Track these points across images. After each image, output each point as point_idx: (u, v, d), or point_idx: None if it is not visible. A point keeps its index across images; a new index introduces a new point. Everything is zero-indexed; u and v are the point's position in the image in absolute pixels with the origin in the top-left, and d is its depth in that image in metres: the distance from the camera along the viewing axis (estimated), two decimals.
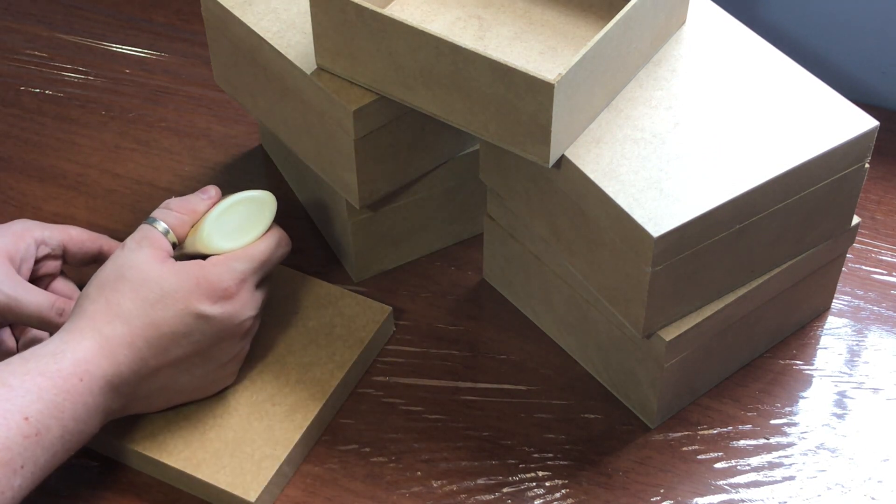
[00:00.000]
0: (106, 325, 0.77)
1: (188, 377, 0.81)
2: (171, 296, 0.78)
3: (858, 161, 0.82)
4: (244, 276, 0.81)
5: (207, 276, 0.79)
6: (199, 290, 0.78)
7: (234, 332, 0.81)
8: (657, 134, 0.80)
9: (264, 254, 0.82)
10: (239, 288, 0.80)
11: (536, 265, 0.89)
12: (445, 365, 0.91)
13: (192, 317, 0.78)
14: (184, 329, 0.78)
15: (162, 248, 0.81)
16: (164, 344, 0.78)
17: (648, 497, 0.83)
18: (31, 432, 0.71)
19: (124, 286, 0.78)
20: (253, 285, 0.82)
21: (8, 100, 1.13)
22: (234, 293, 0.80)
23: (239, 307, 0.80)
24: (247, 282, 0.81)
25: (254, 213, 0.84)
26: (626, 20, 0.78)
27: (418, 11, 0.87)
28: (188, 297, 0.78)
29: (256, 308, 0.82)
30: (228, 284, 0.79)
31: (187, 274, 0.79)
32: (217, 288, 0.79)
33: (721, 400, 0.88)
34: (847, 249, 0.90)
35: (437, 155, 0.91)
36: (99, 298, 0.78)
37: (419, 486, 0.83)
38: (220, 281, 0.79)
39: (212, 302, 0.79)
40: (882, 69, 1.10)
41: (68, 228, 0.90)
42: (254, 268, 0.82)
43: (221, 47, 0.93)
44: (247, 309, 0.81)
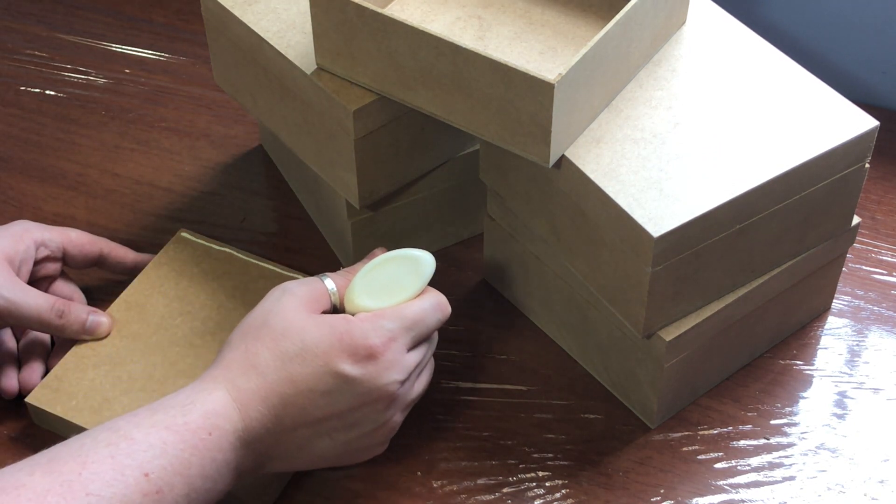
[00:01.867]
0: (240, 377, 0.72)
1: (329, 442, 0.75)
2: (312, 350, 0.72)
3: (858, 161, 0.82)
4: (393, 335, 0.74)
5: (352, 332, 0.73)
6: (342, 346, 0.72)
7: (377, 396, 0.74)
8: (657, 134, 0.80)
9: (417, 314, 0.76)
10: (385, 348, 0.73)
11: (536, 265, 0.89)
12: (445, 365, 0.91)
13: (331, 375, 0.72)
14: (322, 388, 0.72)
15: (317, 301, 0.76)
16: (300, 402, 0.72)
17: (648, 497, 0.83)
18: (152, 489, 0.67)
19: (266, 335, 0.73)
20: (403, 347, 0.75)
21: (8, 100, 1.13)
22: (380, 353, 0.73)
23: (383, 369, 0.73)
24: (395, 341, 0.74)
25: (407, 272, 0.77)
26: (626, 20, 0.78)
27: (418, 11, 0.87)
28: (329, 354, 0.72)
29: (405, 372, 0.75)
30: (374, 342, 0.73)
31: (331, 328, 0.73)
32: (361, 346, 0.73)
33: (721, 400, 0.88)
34: (847, 249, 0.90)
35: (437, 155, 0.91)
36: (239, 346, 0.74)
37: (419, 486, 0.83)
38: (364, 338, 0.73)
39: (354, 361, 0.72)
40: (882, 69, 1.10)
41: (68, 231, 0.90)
42: (404, 327, 0.75)
43: (221, 47, 0.93)
44: (393, 372, 0.74)
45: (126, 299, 0.91)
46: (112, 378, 0.86)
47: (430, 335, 0.78)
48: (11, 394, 0.86)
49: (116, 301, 0.91)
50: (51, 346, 0.90)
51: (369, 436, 0.76)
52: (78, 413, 0.84)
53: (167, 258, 0.94)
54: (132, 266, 0.93)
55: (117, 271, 0.93)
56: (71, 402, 0.85)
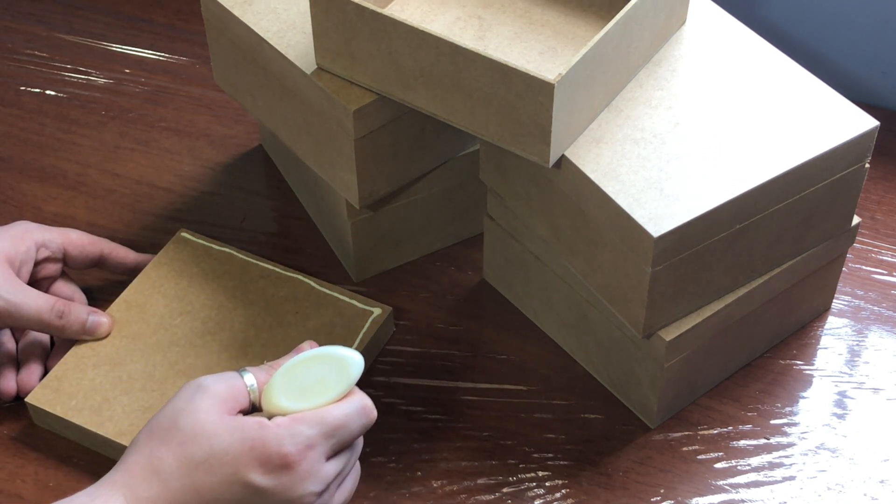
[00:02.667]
0: (141, 483, 0.67)
1: None
2: (220, 458, 0.67)
3: (858, 161, 0.82)
4: (310, 443, 0.68)
5: (265, 439, 0.67)
6: (253, 454, 0.67)
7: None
8: (657, 134, 0.80)
9: (339, 419, 0.70)
10: (301, 457, 0.68)
11: (536, 265, 0.89)
12: (445, 365, 0.91)
13: (240, 485, 0.67)
14: (229, 498, 0.67)
15: (234, 399, 0.70)
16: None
17: (648, 497, 0.83)
18: None
19: (173, 438, 0.68)
20: (322, 455, 0.69)
21: (8, 100, 1.13)
22: (296, 463, 0.68)
23: (299, 480, 0.68)
24: (313, 449, 0.69)
25: (332, 372, 0.71)
26: (626, 20, 0.78)
27: (418, 11, 0.87)
28: (238, 462, 0.67)
29: (323, 483, 0.69)
30: (289, 451, 0.67)
31: (243, 433, 0.68)
32: (274, 454, 0.67)
33: (721, 400, 0.88)
34: (847, 249, 0.90)
35: (437, 155, 0.91)
36: (143, 449, 0.69)
37: (419, 486, 0.83)
38: (279, 446, 0.67)
39: (266, 471, 0.67)
40: (882, 69, 1.10)
41: (69, 232, 0.90)
42: (324, 433, 0.69)
43: (221, 47, 0.93)
44: (309, 483, 0.68)
45: (126, 299, 0.91)
46: (112, 378, 0.86)
47: (352, 442, 0.72)
48: (10, 396, 0.86)
49: (116, 301, 0.91)
50: (50, 347, 0.90)
51: None
52: (78, 413, 0.84)
53: (167, 258, 0.94)
54: (133, 266, 0.93)
55: (118, 272, 0.93)
56: (71, 402, 0.85)
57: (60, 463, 0.84)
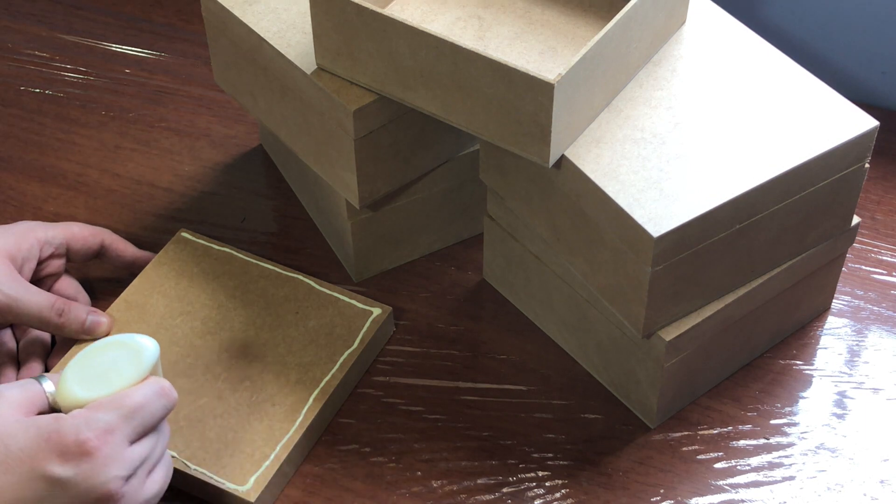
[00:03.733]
0: None
1: None
2: (16, 456, 0.65)
3: (858, 161, 0.82)
4: (109, 427, 0.66)
5: (61, 430, 0.65)
6: (49, 446, 0.65)
7: (98, 497, 0.66)
8: (657, 134, 0.80)
9: (137, 402, 0.68)
10: (102, 441, 0.65)
11: (536, 265, 0.89)
12: (445, 365, 0.91)
13: (39, 480, 0.64)
14: (31, 496, 0.64)
15: (31, 403, 0.68)
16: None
17: (648, 497, 0.83)
18: None
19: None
20: (124, 439, 0.67)
21: (8, 100, 1.13)
22: (96, 448, 0.65)
23: (101, 466, 0.65)
24: (113, 434, 0.66)
25: (125, 359, 0.70)
26: (626, 20, 0.78)
27: (418, 11, 0.87)
28: (35, 457, 0.64)
29: (129, 467, 0.67)
30: (86, 437, 0.65)
31: (38, 428, 0.65)
32: (72, 443, 0.65)
33: (721, 400, 0.88)
34: (847, 249, 0.90)
35: (437, 155, 0.91)
36: None
37: (419, 486, 0.83)
38: (76, 434, 0.65)
39: (64, 461, 0.65)
40: (882, 69, 1.10)
41: (70, 226, 0.90)
42: (123, 416, 0.67)
43: (221, 47, 0.93)
44: (112, 467, 0.66)
45: (126, 299, 0.91)
46: None
47: (155, 425, 0.69)
48: None
49: (116, 301, 0.91)
50: (51, 347, 0.90)
51: None
52: None
53: (167, 258, 0.94)
54: (131, 260, 0.93)
55: (117, 264, 0.94)
56: None
57: None
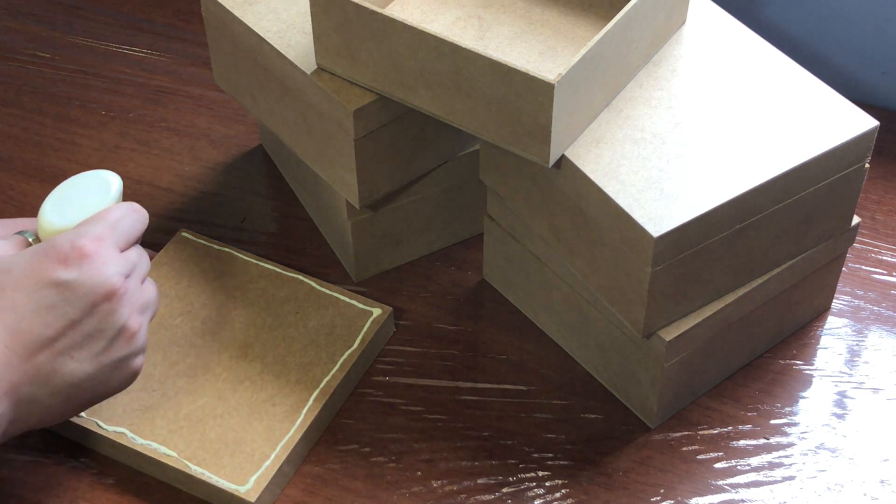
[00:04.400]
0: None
1: (76, 364, 0.71)
2: (20, 273, 0.70)
3: (858, 161, 0.82)
4: (99, 235, 0.72)
5: (55, 243, 0.71)
6: (49, 258, 0.71)
7: (103, 294, 0.71)
8: (657, 134, 0.80)
9: (116, 215, 0.74)
10: (96, 245, 0.72)
11: (536, 265, 0.89)
12: (445, 365, 0.91)
13: (48, 288, 0.70)
14: (45, 303, 0.70)
15: (19, 245, 0.76)
16: (27, 326, 0.70)
17: (648, 497, 0.83)
18: None
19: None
20: (114, 245, 0.73)
21: (8, 100, 1.13)
22: (92, 251, 0.71)
23: (101, 265, 0.71)
24: (104, 240, 0.72)
25: (94, 190, 0.78)
26: (626, 20, 0.78)
27: (418, 11, 0.87)
28: (39, 270, 0.70)
29: (125, 267, 0.73)
30: (81, 243, 0.71)
31: (32, 251, 0.72)
32: (68, 251, 0.71)
33: (721, 400, 0.88)
34: (847, 249, 0.90)
35: (437, 155, 0.91)
36: None
37: (419, 486, 0.83)
38: (70, 244, 0.71)
39: (65, 266, 0.70)
40: (882, 69, 1.10)
41: None
42: (107, 226, 0.73)
43: (221, 47, 0.93)
44: (110, 266, 0.72)
45: None
46: None
47: (136, 239, 0.76)
48: None
49: None
50: None
51: (113, 346, 0.73)
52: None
53: (167, 258, 0.94)
54: None
55: None
56: None
57: (59, 461, 0.84)
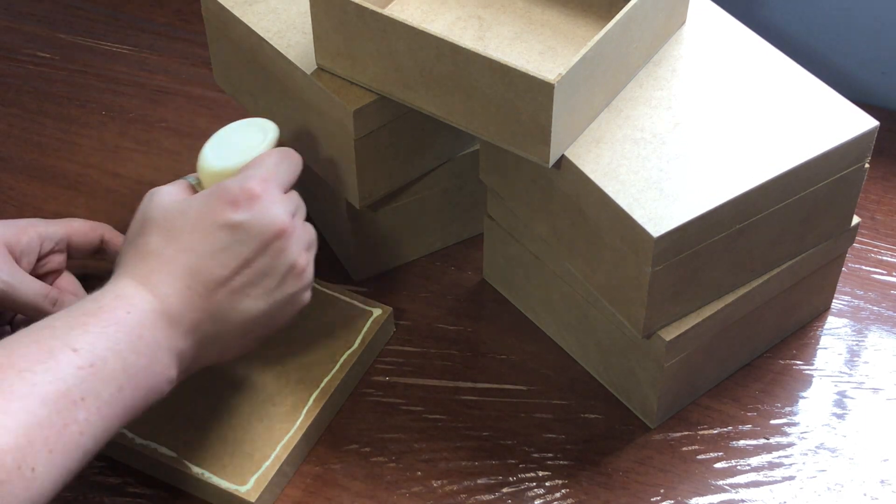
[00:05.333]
0: (139, 265, 0.73)
1: (251, 302, 0.75)
2: (195, 216, 0.74)
3: (858, 161, 0.82)
4: (265, 177, 0.75)
5: (225, 186, 0.75)
6: (221, 201, 0.74)
7: (274, 233, 0.75)
8: (657, 134, 0.80)
9: (275, 157, 0.78)
10: (263, 187, 0.75)
11: (536, 265, 0.89)
12: (445, 365, 0.91)
13: (222, 230, 0.73)
14: (219, 244, 0.73)
15: (185, 189, 0.78)
16: (205, 266, 0.73)
17: (648, 497, 0.83)
18: (85, 363, 0.67)
19: (149, 227, 0.75)
20: (278, 186, 0.76)
21: (8, 100, 1.13)
22: (260, 193, 0.74)
23: (269, 204, 0.75)
24: (269, 182, 0.75)
25: (252, 134, 0.80)
26: (626, 20, 0.78)
27: (418, 11, 0.87)
28: (212, 212, 0.74)
29: (291, 206, 0.77)
30: (250, 185, 0.74)
31: (204, 195, 0.75)
32: (239, 193, 0.74)
33: (721, 400, 0.88)
34: (847, 249, 0.90)
35: (437, 155, 0.91)
36: (128, 249, 0.75)
37: (419, 486, 0.83)
38: (239, 187, 0.74)
39: (236, 207, 0.74)
40: (882, 69, 1.10)
41: (71, 221, 0.91)
42: (270, 169, 0.76)
43: (221, 47, 0.93)
44: (278, 206, 0.75)
45: None
46: None
47: (294, 180, 0.79)
48: None
49: None
50: None
51: (285, 282, 0.76)
52: None
53: None
54: None
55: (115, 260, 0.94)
56: None
57: None
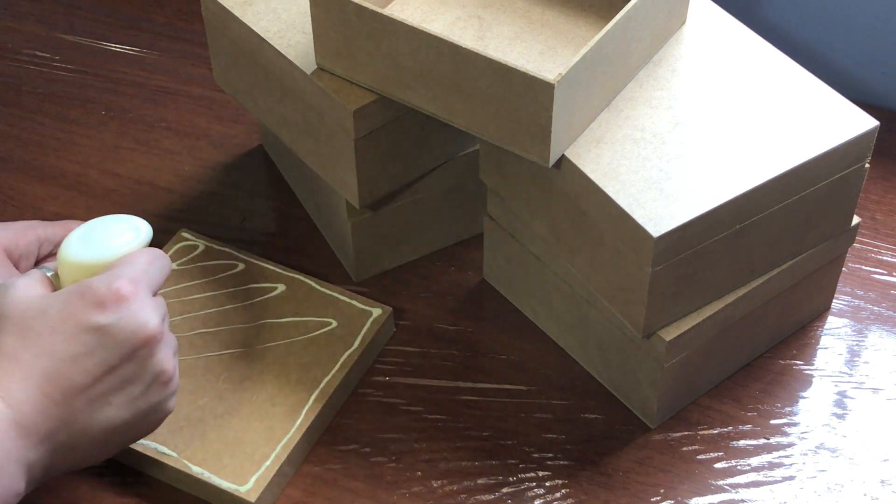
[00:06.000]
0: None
1: (112, 411, 0.70)
2: (56, 317, 0.68)
3: (858, 161, 0.82)
4: (134, 277, 0.70)
5: (92, 285, 0.69)
6: (86, 302, 0.68)
7: (142, 339, 0.69)
8: (657, 134, 0.80)
9: (145, 259, 0.72)
10: (132, 288, 0.69)
11: (536, 265, 0.89)
12: (445, 365, 0.91)
13: (86, 332, 0.68)
14: (82, 349, 0.68)
15: (42, 283, 0.72)
16: (64, 372, 0.68)
17: (648, 497, 0.83)
18: None
19: (5, 325, 0.69)
20: (147, 288, 0.71)
21: (8, 100, 1.13)
22: (129, 294, 0.69)
23: (138, 309, 0.69)
24: (139, 283, 0.70)
25: (124, 231, 0.75)
26: (626, 20, 0.78)
27: (418, 11, 0.87)
28: (75, 313, 0.68)
29: (161, 312, 0.71)
30: (118, 285, 0.69)
31: (67, 292, 0.69)
32: (106, 293, 0.69)
33: (721, 400, 0.88)
34: (847, 249, 0.90)
35: (437, 155, 0.91)
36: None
37: (419, 486, 0.83)
38: (107, 286, 0.69)
39: (103, 309, 0.68)
40: (882, 69, 1.10)
41: (70, 223, 0.91)
42: (140, 270, 0.71)
43: (221, 47, 0.93)
44: (148, 309, 0.70)
45: None
46: None
47: (161, 285, 0.74)
48: None
49: None
50: None
51: (150, 390, 0.71)
52: None
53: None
54: None
55: None
56: None
57: None
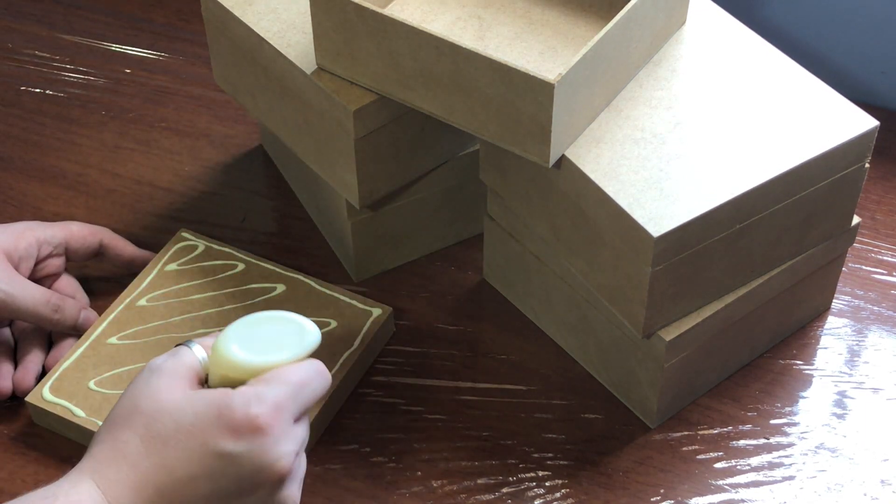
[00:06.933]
0: (109, 468, 0.64)
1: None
2: (187, 430, 0.63)
3: (858, 161, 0.82)
4: (279, 404, 0.64)
5: (231, 405, 0.63)
6: (221, 422, 0.63)
7: (270, 475, 0.64)
8: (657, 134, 0.80)
9: (302, 378, 0.66)
10: (272, 419, 0.64)
11: (536, 265, 0.89)
12: (445, 365, 0.91)
13: (211, 457, 0.63)
14: (202, 472, 0.63)
15: (190, 370, 0.67)
16: (178, 490, 0.63)
17: (648, 497, 0.83)
18: None
19: (136, 420, 0.65)
20: (290, 416, 0.65)
21: (8, 100, 1.13)
22: (266, 425, 0.64)
23: (272, 443, 0.64)
24: (282, 411, 0.64)
25: (289, 335, 0.68)
26: (626, 20, 0.78)
27: (418, 11, 0.87)
28: (207, 432, 0.63)
29: (297, 445, 0.66)
30: (257, 412, 0.63)
31: (207, 404, 0.64)
32: (243, 418, 0.63)
33: (721, 400, 0.88)
34: (847, 249, 0.90)
35: (437, 155, 0.91)
36: (106, 438, 0.65)
37: (419, 486, 0.83)
38: (246, 409, 0.63)
39: (236, 437, 0.63)
40: (882, 69, 1.10)
41: (69, 225, 0.91)
42: (290, 393, 0.65)
43: (221, 47, 0.93)
44: (283, 444, 0.64)
45: (125, 299, 0.91)
46: (112, 378, 0.86)
47: (312, 405, 0.68)
48: (5, 394, 0.86)
49: (116, 301, 0.91)
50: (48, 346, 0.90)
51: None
52: (78, 413, 0.84)
53: (167, 258, 0.94)
54: (129, 259, 0.93)
55: (116, 263, 0.94)
56: (71, 402, 0.85)
57: (61, 463, 0.84)
